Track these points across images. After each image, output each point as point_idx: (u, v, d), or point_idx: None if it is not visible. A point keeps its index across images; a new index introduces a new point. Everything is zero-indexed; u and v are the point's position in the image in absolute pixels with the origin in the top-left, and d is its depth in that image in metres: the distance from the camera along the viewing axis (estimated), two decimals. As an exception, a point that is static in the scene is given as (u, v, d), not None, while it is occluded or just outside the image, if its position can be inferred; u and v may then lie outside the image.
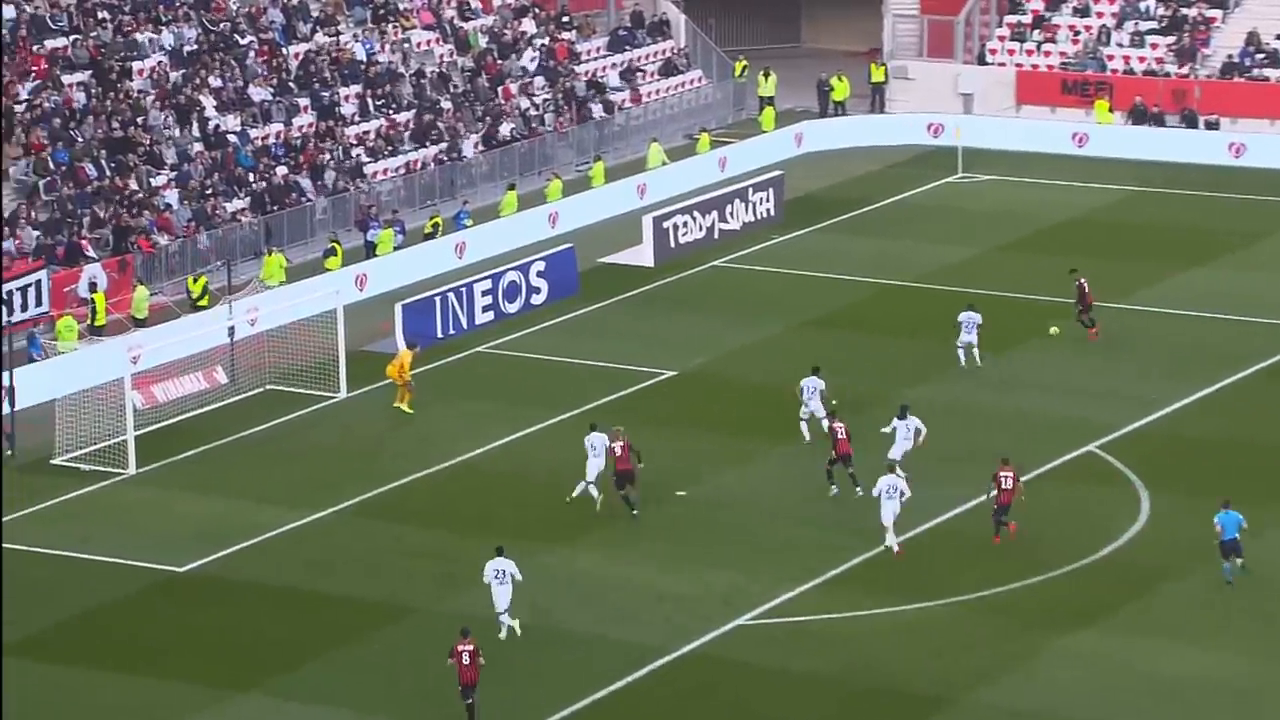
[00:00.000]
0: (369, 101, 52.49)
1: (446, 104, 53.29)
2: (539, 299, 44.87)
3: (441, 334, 42.86)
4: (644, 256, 47.84)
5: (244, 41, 52.01)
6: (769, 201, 50.53)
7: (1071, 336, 41.47)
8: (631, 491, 33.73)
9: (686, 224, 48.63)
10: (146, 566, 32.72)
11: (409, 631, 29.90)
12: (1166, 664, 29.54)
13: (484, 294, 43.88)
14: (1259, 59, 57.63)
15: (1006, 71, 59.41)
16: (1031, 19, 60.47)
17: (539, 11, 58.46)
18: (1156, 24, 59.45)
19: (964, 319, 40.37)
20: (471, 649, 27.84)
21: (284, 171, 48.98)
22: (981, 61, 60.24)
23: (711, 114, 58.59)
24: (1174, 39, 58.67)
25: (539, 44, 57.00)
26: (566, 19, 58.90)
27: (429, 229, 48.53)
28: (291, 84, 51.92)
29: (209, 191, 47.29)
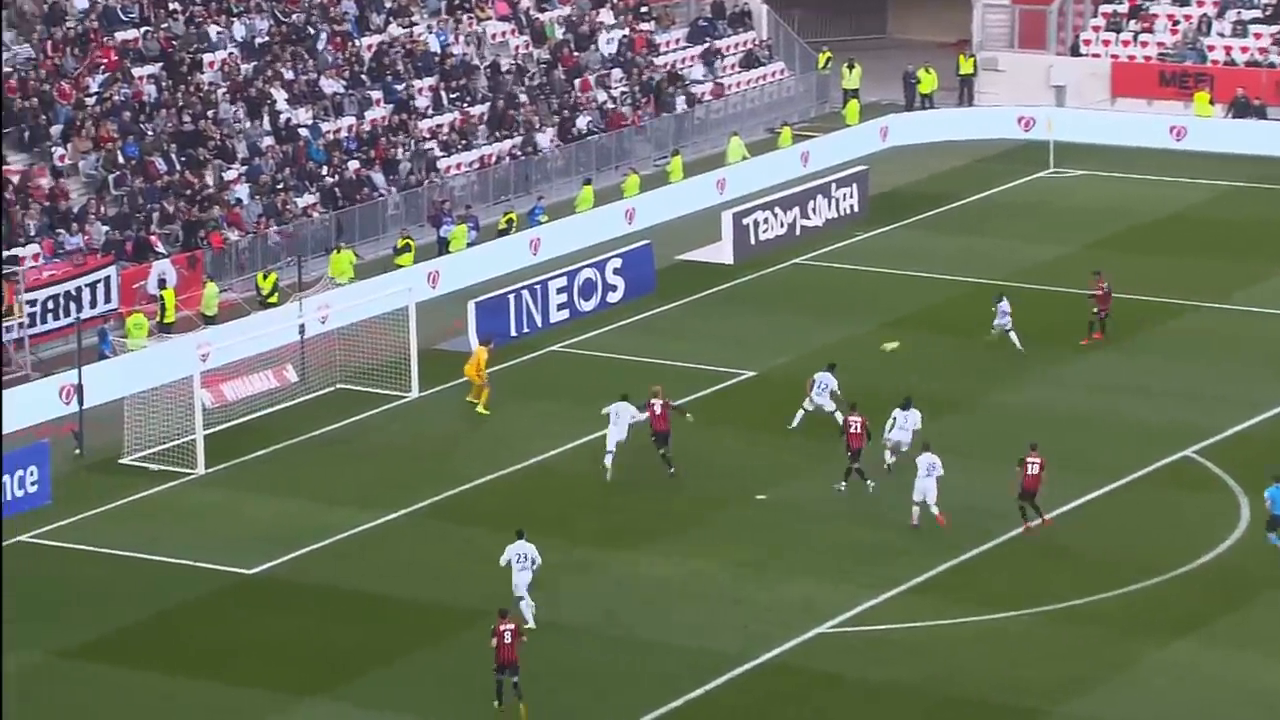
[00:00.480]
0: (443, 94, 52.74)
1: (522, 97, 53.46)
2: (615, 297, 44.92)
3: (515, 332, 42.99)
4: (723, 254, 47.79)
5: (316, 33, 52.36)
6: (853, 197, 50.34)
7: (1124, 343, 41.00)
8: (668, 451, 34.50)
9: (767, 220, 48.54)
10: (215, 569, 33.00)
11: (481, 637, 29.99)
12: (1268, 676, 29.21)
13: (559, 292, 43.97)
14: (1366, 49, 56.93)
15: (1101, 63, 58.94)
16: (1128, 8, 59.94)
17: (617, 2, 58.53)
18: (1260, 12, 58.77)
19: (998, 309, 40.58)
20: (512, 629, 28.36)
21: (356, 166, 49.29)
22: (1075, 53, 59.78)
23: (794, 107, 58.45)
24: (1278, 28, 57.97)
25: (617, 35, 57.07)
26: (645, 9, 58.93)
27: (503, 225, 48.69)
28: (364, 76, 52.25)
29: (280, 186, 47.66)
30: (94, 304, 42.41)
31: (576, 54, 56.23)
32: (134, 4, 50.87)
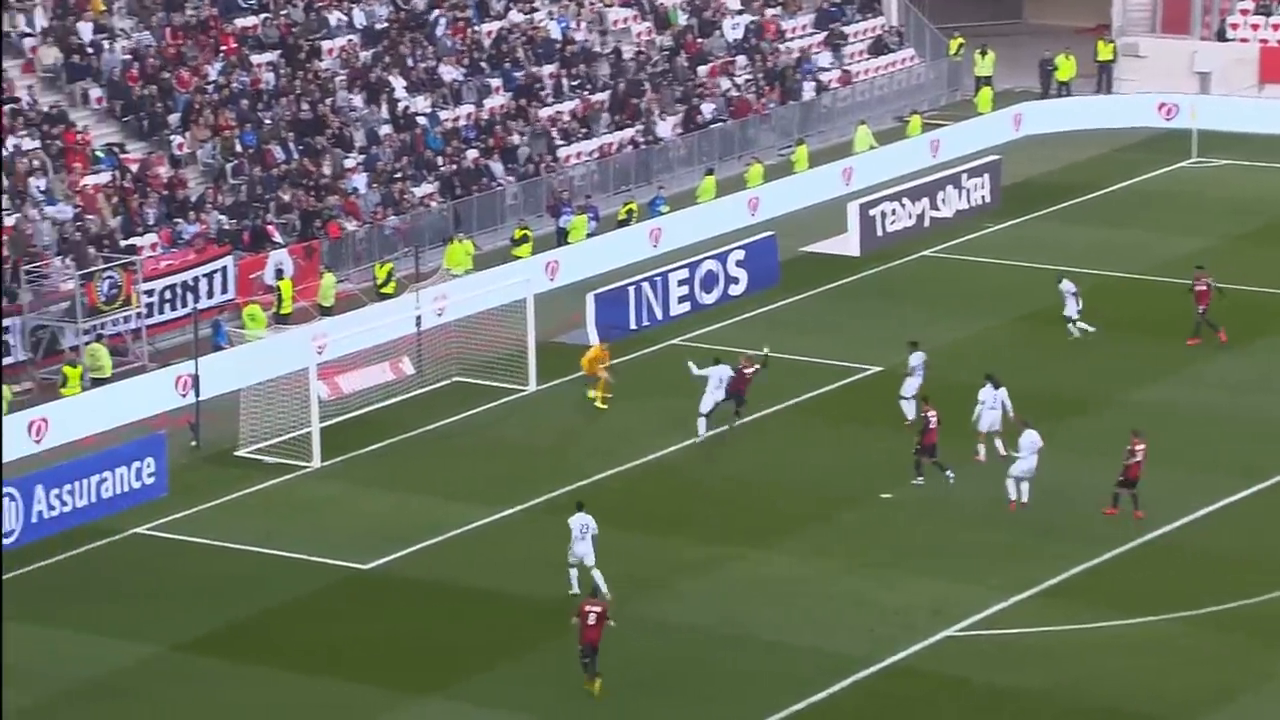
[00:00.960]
0: (564, 82, 52.92)
1: (644, 84, 53.51)
2: (737, 290, 44.86)
3: (635, 325, 43.05)
4: (849, 245, 47.58)
5: (435, 19, 52.73)
6: (984, 188, 49.93)
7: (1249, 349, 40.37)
8: (742, 410, 36.36)
9: (895, 211, 48.26)
10: (329, 563, 33.34)
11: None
12: None
13: (680, 284, 43.98)
14: None
15: (1249, 48, 58.00)
16: (1278, -9, 59.01)
17: (742, -14, 58.45)
18: None
19: (1063, 289, 40.46)
20: (599, 610, 28.56)
21: (474, 155, 49.59)
22: (1221, 37, 58.86)
23: (924, 95, 58.05)
24: None
25: (742, 21, 56.97)
26: (771, -6, 58.79)
27: (623, 215, 48.77)
28: (483, 64, 52.55)
29: (397, 175, 48.04)
30: (211, 294, 42.97)
31: (700, 40, 56.20)
32: (254, -10, 51.48)
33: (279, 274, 43.66)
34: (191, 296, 42.44)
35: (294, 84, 49.23)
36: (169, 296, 42.46)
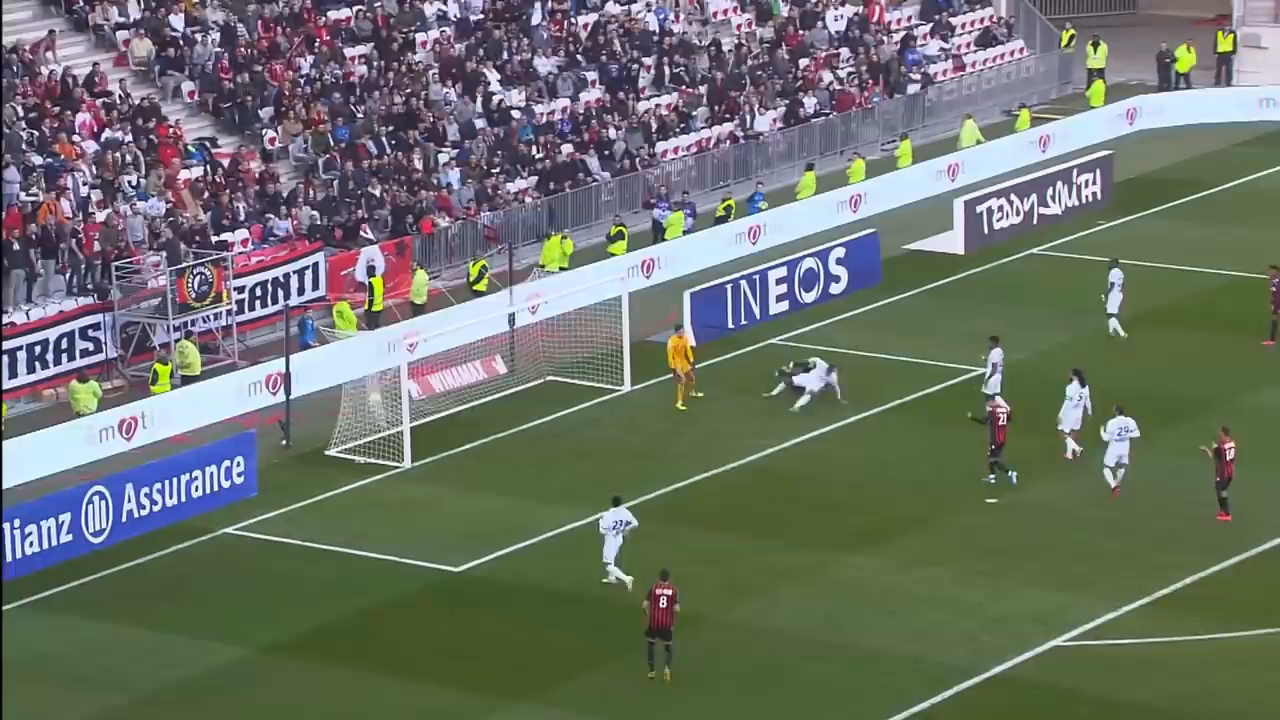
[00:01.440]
0: (662, 75, 52.92)
1: (744, 77, 53.44)
2: (838, 288, 44.73)
3: (732, 324, 43.02)
4: (955, 243, 47.35)
5: (531, 11, 52.87)
6: (1095, 184, 49.55)
7: None
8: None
9: (1002, 208, 47.97)
10: (421, 565, 33.52)
11: (691, 642, 30.06)
12: None
13: (779, 282, 43.91)
14: None
15: (1373, 39, 57.23)
16: (1406, -22, 58.10)
17: (846, -23, 58.26)
18: None
19: (1112, 279, 40.41)
20: (670, 593, 28.66)
21: (569, 149, 49.69)
22: (1344, 28, 58.11)
23: (1033, 88, 57.66)
24: None
25: (846, 12, 56.78)
26: (875, -15, 58.55)
27: (721, 211, 48.74)
28: (579, 56, 52.65)
29: (491, 170, 48.21)
30: (302, 291, 43.30)
31: (802, 32, 56.06)
32: (348, -18, 51.79)
33: (371, 270, 43.91)
34: (282, 293, 42.78)
35: (387, 77, 49.53)
36: (259, 293, 42.81)
